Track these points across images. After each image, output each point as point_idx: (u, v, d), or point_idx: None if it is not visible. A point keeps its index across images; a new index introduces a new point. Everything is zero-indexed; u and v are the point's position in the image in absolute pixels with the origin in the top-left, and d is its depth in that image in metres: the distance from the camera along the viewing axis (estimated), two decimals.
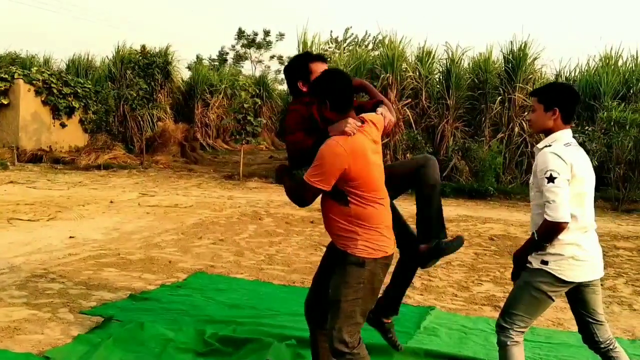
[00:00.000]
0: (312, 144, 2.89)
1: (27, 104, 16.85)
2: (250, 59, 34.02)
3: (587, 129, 12.48)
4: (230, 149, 21.92)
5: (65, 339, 4.02)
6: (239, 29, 33.40)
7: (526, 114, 14.12)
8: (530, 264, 3.02)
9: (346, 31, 29.94)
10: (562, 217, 2.82)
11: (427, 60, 15.86)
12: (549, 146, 2.98)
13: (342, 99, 2.90)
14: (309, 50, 16.86)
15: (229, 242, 7.49)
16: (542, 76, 15.67)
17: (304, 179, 2.80)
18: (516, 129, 14.71)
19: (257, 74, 28.18)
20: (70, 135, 18.00)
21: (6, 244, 6.86)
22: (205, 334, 4.10)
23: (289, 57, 32.39)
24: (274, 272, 6.16)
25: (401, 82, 15.37)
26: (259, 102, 17.54)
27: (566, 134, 3.04)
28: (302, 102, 3.10)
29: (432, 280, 6.05)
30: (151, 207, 10.02)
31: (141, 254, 6.63)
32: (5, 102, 16.58)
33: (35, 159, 16.64)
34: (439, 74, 16.20)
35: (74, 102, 17.81)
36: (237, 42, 33.88)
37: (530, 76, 15.29)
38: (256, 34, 33.31)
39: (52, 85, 17.30)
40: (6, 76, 16.60)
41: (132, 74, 17.83)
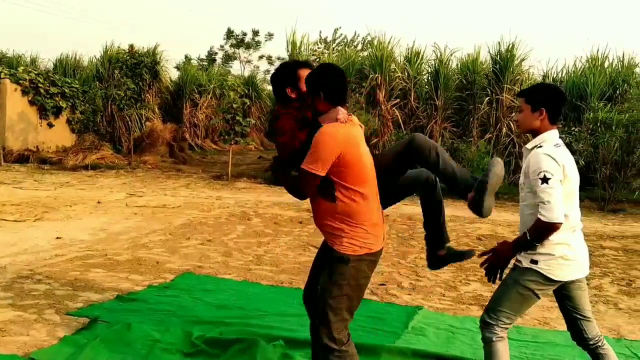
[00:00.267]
0: (303, 140, 2.92)
1: (14, 104, 16.69)
2: (239, 59, 34.00)
3: (574, 129, 12.58)
4: (218, 149, 21.86)
5: (51, 340, 3.99)
6: (228, 29, 33.38)
7: (513, 114, 14.21)
8: (519, 262, 3.05)
9: (335, 31, 29.99)
10: (556, 217, 2.84)
11: (416, 61, 15.94)
12: (539, 147, 3.00)
13: (336, 91, 2.97)
14: (298, 50, 16.89)
15: (217, 242, 7.47)
16: (530, 77, 15.80)
17: (301, 167, 2.84)
18: (504, 130, 14.81)
19: (246, 74, 28.15)
20: (57, 135, 17.86)
21: None
22: (192, 335, 4.09)
23: (278, 58, 32.50)
24: (262, 272, 6.15)
25: (390, 83, 15.43)
26: (248, 102, 17.53)
27: (553, 135, 3.07)
28: (292, 107, 3.11)
29: (420, 280, 6.07)
30: (139, 207, 9.97)
31: (128, 255, 6.60)
32: None
33: (22, 159, 16.49)
34: (427, 74, 16.29)
35: (61, 102, 17.67)
36: (226, 42, 33.84)
37: (517, 77, 15.40)
38: (245, 34, 33.30)
39: (39, 85, 17.16)
40: None
41: (119, 74, 17.73)
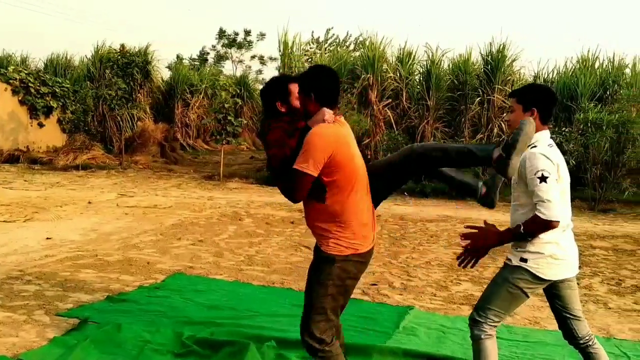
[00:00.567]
0: (294, 147, 2.91)
1: (4, 104, 16.60)
2: (231, 58, 33.91)
3: (565, 129, 12.65)
4: (210, 149, 21.81)
5: (40, 342, 3.97)
6: (220, 29, 33.28)
7: (505, 114, 14.27)
8: (509, 261, 3.07)
9: (327, 32, 29.99)
10: (555, 216, 2.85)
11: (408, 61, 15.97)
12: (534, 147, 3.01)
13: (327, 92, 2.97)
14: (290, 50, 16.89)
15: (208, 242, 7.45)
16: (521, 77, 15.87)
17: (293, 167, 2.83)
18: (495, 130, 14.86)
19: (238, 74, 28.09)
20: (48, 135, 17.77)
21: None
22: (183, 335, 4.08)
23: (271, 58, 32.45)
24: (253, 272, 6.14)
25: (382, 83, 15.45)
26: (240, 102, 17.50)
27: (545, 135, 3.10)
28: (283, 121, 3.11)
29: (412, 280, 6.08)
30: (130, 207, 9.94)
31: (119, 255, 6.57)
32: None
33: (12, 159, 16.39)
34: (419, 75, 16.31)
35: (52, 102, 17.59)
36: (218, 42, 33.75)
37: (508, 77, 15.47)
38: (237, 34, 33.22)
39: (30, 84, 17.07)
40: None
41: (111, 74, 17.66)
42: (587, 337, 3.16)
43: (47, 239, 7.28)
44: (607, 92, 14.72)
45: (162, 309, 4.75)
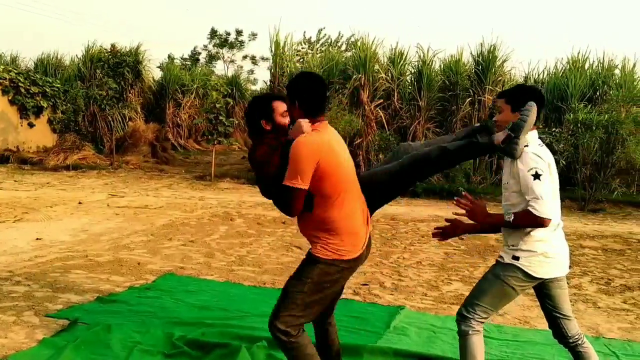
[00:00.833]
0: (279, 163, 2.93)
1: None
2: (222, 58, 33.81)
3: (555, 130, 12.72)
4: (202, 149, 21.74)
5: (30, 343, 3.95)
6: (212, 29, 33.15)
7: (494, 116, 14.31)
8: (501, 258, 3.09)
9: (319, 32, 30.06)
10: (547, 213, 2.88)
11: (399, 61, 15.98)
12: (526, 146, 3.03)
13: (311, 100, 2.95)
14: (282, 50, 16.88)
15: (199, 243, 7.43)
16: (511, 78, 15.92)
17: (283, 184, 2.84)
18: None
19: (230, 74, 28.02)
20: (38, 135, 17.66)
21: None
22: (173, 336, 4.07)
23: (262, 58, 32.36)
24: (244, 273, 6.13)
25: (373, 83, 15.46)
26: (231, 102, 17.46)
27: (534, 135, 3.12)
28: (268, 137, 3.12)
29: (403, 280, 6.10)
30: (120, 208, 9.90)
31: (109, 256, 6.54)
32: None
33: (1, 159, 16.27)
34: (410, 75, 16.34)
35: (42, 102, 17.48)
36: (209, 42, 33.65)
37: (499, 78, 15.52)
38: (229, 34, 33.12)
39: (20, 84, 16.95)
40: None
41: (101, 73, 17.57)
42: (576, 336, 3.18)
43: (37, 239, 7.24)
44: (597, 93, 14.81)
45: (152, 310, 4.73)
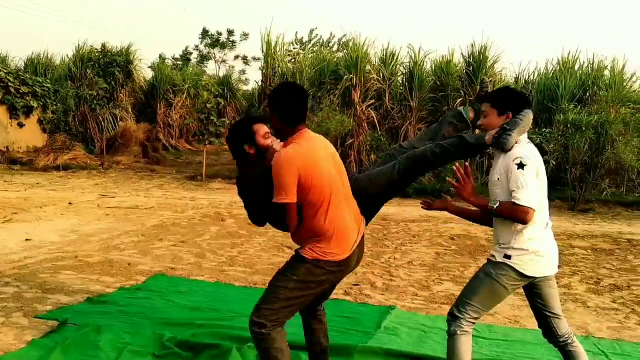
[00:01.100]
0: (261, 191, 3.00)
1: None
2: (214, 58, 33.73)
3: (545, 130, 12.79)
4: (193, 149, 21.66)
5: (18, 344, 3.92)
6: (203, 29, 33.06)
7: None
8: (493, 257, 3.10)
9: (311, 32, 30.04)
10: (530, 202, 2.89)
11: (391, 62, 16.01)
12: (516, 143, 3.06)
13: (289, 111, 2.99)
14: (274, 50, 16.87)
15: (190, 243, 7.41)
16: (502, 79, 15.98)
17: (273, 202, 2.88)
18: (477, 131, 14.93)
19: (221, 74, 27.94)
20: (28, 135, 17.55)
21: None
22: (163, 337, 4.05)
23: (254, 57, 32.28)
24: (235, 273, 6.12)
25: (365, 84, 15.49)
26: (223, 102, 17.42)
27: (524, 137, 3.14)
28: (252, 163, 3.17)
29: (394, 279, 6.11)
30: (111, 208, 9.85)
31: (99, 256, 6.51)
32: None
33: None
34: (402, 75, 16.36)
35: (32, 102, 17.37)
36: (201, 42, 33.56)
37: (490, 79, 15.56)
38: (220, 34, 33.04)
39: (10, 83, 16.84)
40: None
41: (92, 73, 17.48)
42: (566, 335, 3.20)
43: (27, 240, 7.19)
44: (587, 94, 14.91)
45: (142, 311, 4.71)
